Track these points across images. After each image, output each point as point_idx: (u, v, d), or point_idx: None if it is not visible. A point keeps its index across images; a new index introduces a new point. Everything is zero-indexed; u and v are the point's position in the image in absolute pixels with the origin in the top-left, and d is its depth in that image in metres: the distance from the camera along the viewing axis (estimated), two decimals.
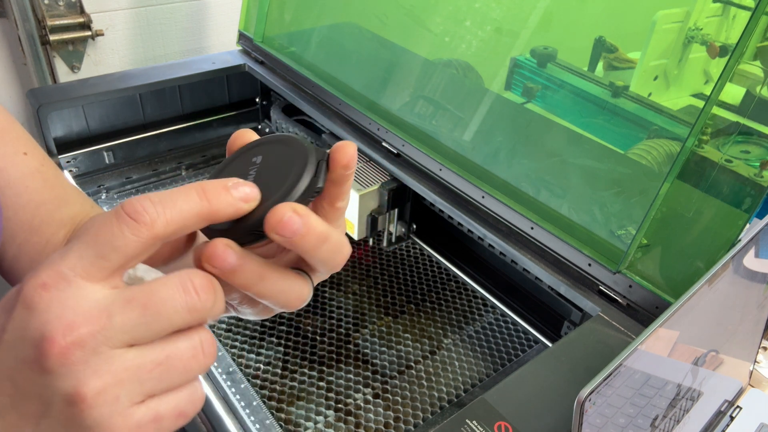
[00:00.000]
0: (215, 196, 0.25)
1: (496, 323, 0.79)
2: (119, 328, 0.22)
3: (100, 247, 0.23)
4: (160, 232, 0.24)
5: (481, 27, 0.83)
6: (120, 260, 0.23)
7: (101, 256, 0.23)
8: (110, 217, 0.23)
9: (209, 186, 0.25)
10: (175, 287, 0.23)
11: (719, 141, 0.54)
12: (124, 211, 0.23)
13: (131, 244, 0.23)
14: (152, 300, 0.23)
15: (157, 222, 0.23)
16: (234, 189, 0.26)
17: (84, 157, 1.01)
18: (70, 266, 0.23)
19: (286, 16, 1.11)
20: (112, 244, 0.23)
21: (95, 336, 0.22)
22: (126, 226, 0.23)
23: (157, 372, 0.23)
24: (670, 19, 0.84)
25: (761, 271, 0.54)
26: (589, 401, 0.39)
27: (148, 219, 0.23)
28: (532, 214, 0.69)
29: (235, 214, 0.26)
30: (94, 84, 0.98)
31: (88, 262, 0.23)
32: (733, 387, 0.60)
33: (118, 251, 0.23)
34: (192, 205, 0.24)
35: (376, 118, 0.88)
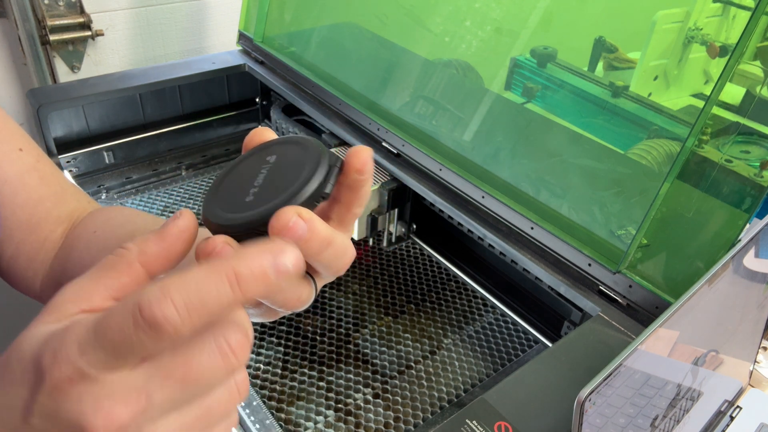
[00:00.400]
0: (250, 284, 0.22)
1: (496, 323, 0.79)
2: (159, 407, 0.21)
3: (119, 350, 0.21)
4: (184, 336, 0.21)
5: (481, 27, 0.83)
6: (141, 357, 0.22)
7: (122, 357, 0.21)
8: (127, 321, 0.21)
9: (244, 273, 0.21)
10: (212, 354, 0.22)
11: (719, 141, 0.54)
12: (143, 318, 0.20)
13: (150, 348, 0.21)
14: (190, 373, 0.22)
15: (181, 330, 0.21)
16: (275, 267, 0.22)
17: (84, 157, 1.01)
18: (90, 363, 0.21)
19: (286, 16, 1.11)
20: (131, 351, 0.21)
21: (137, 419, 0.21)
22: (144, 335, 0.20)
23: (199, 425, 0.23)
24: (670, 19, 0.84)
25: (761, 271, 0.54)
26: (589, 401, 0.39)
27: (171, 329, 0.20)
28: (532, 214, 0.69)
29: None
30: (94, 84, 0.98)
31: (108, 360, 0.21)
32: (733, 387, 0.60)
33: (141, 353, 0.21)
34: (222, 299, 0.21)
35: (376, 118, 0.88)
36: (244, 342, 0.22)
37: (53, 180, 0.50)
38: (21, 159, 0.47)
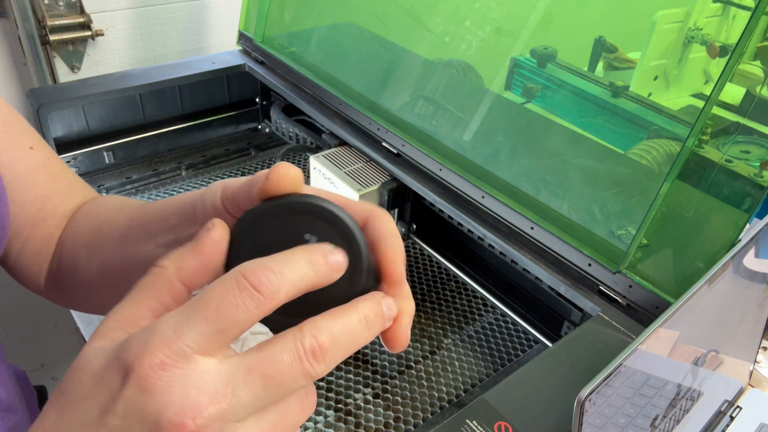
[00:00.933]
0: (320, 266, 0.24)
1: (496, 323, 0.79)
2: (244, 403, 0.22)
3: (222, 322, 0.22)
4: (277, 304, 0.23)
5: (481, 27, 0.83)
6: (238, 333, 0.22)
7: (221, 331, 0.22)
8: (232, 288, 0.22)
9: (315, 256, 0.24)
10: (292, 353, 0.22)
11: (719, 141, 0.54)
12: (248, 282, 0.22)
13: (253, 317, 0.22)
14: (272, 370, 0.22)
15: (277, 294, 0.22)
16: (330, 255, 0.24)
17: (84, 157, 1.01)
18: (188, 343, 0.21)
19: (286, 16, 1.11)
20: (233, 318, 0.22)
21: (223, 415, 0.21)
22: (250, 299, 0.22)
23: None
24: (670, 19, 0.84)
25: (761, 271, 0.55)
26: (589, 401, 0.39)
27: (270, 291, 0.22)
28: (532, 214, 0.69)
29: (326, 283, 0.25)
30: (94, 84, 0.98)
31: (207, 337, 0.22)
32: (733, 387, 0.60)
33: (239, 325, 0.22)
34: (303, 275, 0.23)
35: (376, 118, 0.88)
36: (322, 350, 0.23)
37: (62, 177, 0.50)
38: (31, 156, 0.48)
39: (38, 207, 0.48)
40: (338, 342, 0.23)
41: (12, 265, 0.49)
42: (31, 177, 0.48)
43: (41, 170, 0.48)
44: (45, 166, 0.49)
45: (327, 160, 0.90)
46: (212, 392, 0.21)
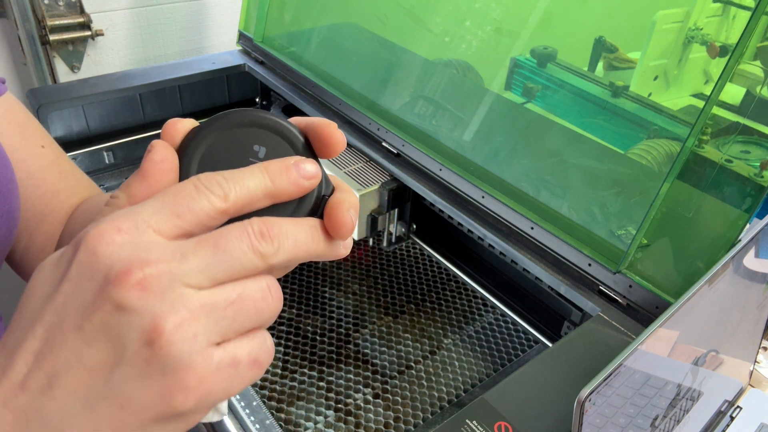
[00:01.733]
0: (278, 174, 0.25)
1: (496, 323, 0.79)
2: (192, 267, 0.22)
3: (177, 207, 0.23)
4: (231, 206, 0.24)
5: (481, 27, 0.83)
6: (192, 222, 0.23)
7: (177, 214, 0.23)
8: (187, 185, 0.24)
9: (272, 165, 0.25)
10: (239, 229, 0.23)
11: (719, 141, 0.54)
12: (201, 182, 0.24)
13: (205, 210, 0.23)
14: (221, 240, 0.23)
15: (229, 196, 0.24)
16: (296, 167, 0.26)
17: (84, 157, 1.01)
18: (145, 219, 0.22)
19: (286, 16, 1.11)
20: (188, 206, 0.23)
21: (171, 272, 0.21)
22: (203, 194, 0.23)
23: (230, 311, 0.23)
24: (670, 19, 0.84)
25: (761, 271, 0.54)
26: (589, 401, 0.39)
27: (222, 192, 0.24)
28: (532, 214, 0.69)
29: (297, 192, 0.26)
30: (94, 84, 0.97)
31: (163, 218, 0.23)
32: (733, 387, 0.60)
33: (193, 213, 0.23)
34: (257, 183, 0.25)
35: (376, 118, 0.88)
36: (269, 230, 0.24)
37: (70, 174, 0.52)
38: (43, 155, 0.50)
39: (46, 203, 0.49)
40: (284, 228, 0.24)
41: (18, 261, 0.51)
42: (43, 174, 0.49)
43: (52, 168, 0.50)
44: (55, 164, 0.51)
45: (327, 160, 0.90)
46: (161, 253, 0.22)
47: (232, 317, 0.23)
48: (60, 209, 0.50)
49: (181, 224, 0.23)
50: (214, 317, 0.22)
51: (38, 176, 0.49)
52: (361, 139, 0.88)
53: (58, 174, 0.50)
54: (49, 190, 0.50)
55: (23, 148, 0.48)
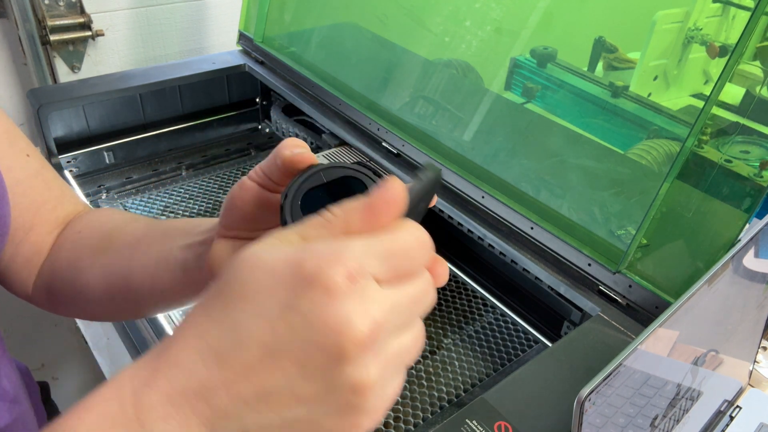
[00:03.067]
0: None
1: (496, 323, 0.79)
2: (402, 334, 0.25)
3: (400, 260, 0.24)
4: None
5: (481, 27, 0.83)
6: (406, 274, 0.25)
7: (397, 267, 0.25)
8: (417, 239, 0.25)
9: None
10: (411, 233, 0.25)
11: (719, 141, 0.54)
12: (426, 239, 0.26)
13: (420, 266, 0.26)
14: (399, 248, 0.24)
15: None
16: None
17: (84, 157, 1.01)
18: (373, 265, 0.24)
19: (286, 16, 1.11)
20: (409, 261, 0.25)
21: (390, 331, 0.23)
22: (424, 251, 0.26)
23: (414, 307, 0.25)
24: (670, 19, 0.84)
25: (761, 271, 0.55)
26: (589, 401, 0.39)
27: (431, 249, 0.27)
28: (532, 214, 0.69)
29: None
30: (95, 84, 0.98)
31: (386, 268, 0.24)
32: (733, 387, 0.60)
33: (410, 269, 0.25)
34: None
35: (376, 118, 0.88)
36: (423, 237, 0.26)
37: (55, 185, 0.52)
38: (29, 164, 0.50)
39: (34, 213, 0.49)
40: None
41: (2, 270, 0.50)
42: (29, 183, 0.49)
43: (37, 177, 0.50)
44: (40, 174, 0.50)
45: (327, 161, 0.90)
46: (386, 310, 0.23)
47: (407, 352, 0.25)
48: (47, 220, 0.50)
49: (397, 275, 0.24)
50: (400, 360, 0.25)
51: (25, 185, 0.49)
52: (361, 139, 0.88)
53: (43, 184, 0.50)
54: (35, 200, 0.49)
55: (9, 156, 0.48)
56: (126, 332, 0.70)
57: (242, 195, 0.35)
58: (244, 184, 0.35)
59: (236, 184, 0.35)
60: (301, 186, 0.32)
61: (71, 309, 0.50)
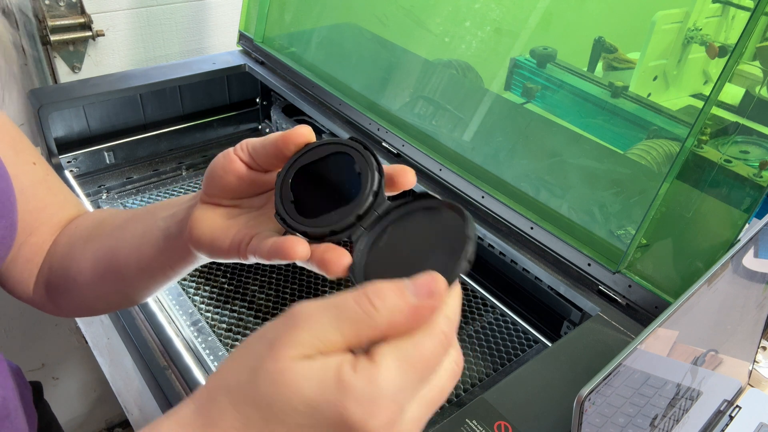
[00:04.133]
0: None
1: (496, 323, 0.80)
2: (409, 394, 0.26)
3: (429, 387, 0.27)
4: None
5: (481, 27, 0.83)
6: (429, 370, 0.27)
7: (428, 391, 0.27)
8: (437, 349, 0.27)
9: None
10: (435, 338, 0.27)
11: (718, 141, 0.54)
12: (456, 363, 0.29)
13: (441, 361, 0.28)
14: (426, 359, 0.26)
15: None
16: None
17: (84, 157, 1.01)
18: (409, 404, 0.26)
19: (287, 16, 1.11)
20: (433, 367, 0.27)
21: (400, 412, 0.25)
22: (451, 373, 0.29)
23: (436, 403, 0.28)
24: (670, 19, 0.84)
25: (761, 271, 0.55)
26: (589, 401, 0.39)
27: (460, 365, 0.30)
28: (532, 214, 0.70)
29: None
30: (95, 84, 0.98)
31: (419, 398, 0.27)
32: (733, 386, 0.60)
33: (434, 365, 0.27)
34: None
35: (376, 118, 0.88)
36: (452, 326, 0.28)
37: (58, 191, 0.54)
38: (34, 171, 0.52)
39: (35, 217, 0.51)
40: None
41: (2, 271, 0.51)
42: (33, 190, 0.51)
43: (42, 184, 0.52)
44: (45, 181, 0.52)
45: None
46: (389, 406, 0.25)
47: (437, 404, 0.28)
48: (48, 223, 0.52)
49: (422, 382, 0.27)
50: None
51: (29, 192, 0.51)
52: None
53: (47, 190, 0.52)
54: (38, 205, 0.51)
55: (15, 164, 0.50)
56: (126, 332, 0.70)
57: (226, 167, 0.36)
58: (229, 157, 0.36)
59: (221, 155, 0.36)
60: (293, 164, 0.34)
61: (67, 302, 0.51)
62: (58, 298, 0.51)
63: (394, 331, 0.26)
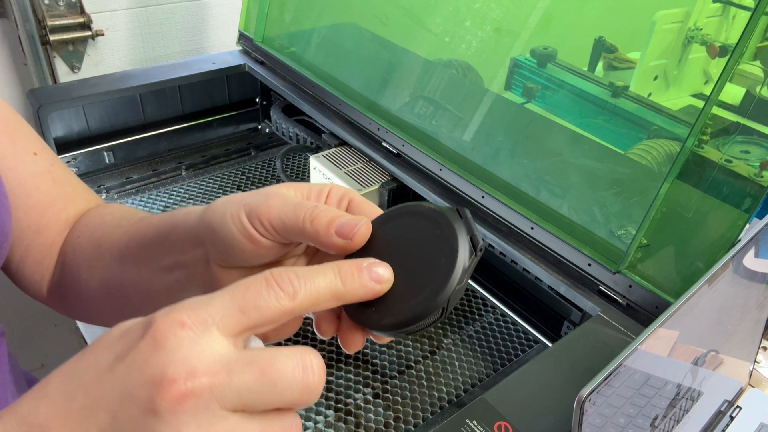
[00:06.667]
0: (350, 276, 0.26)
1: (496, 323, 0.79)
2: (234, 389, 0.22)
3: (245, 302, 0.24)
4: (298, 306, 0.25)
5: (481, 27, 0.83)
6: (256, 320, 0.24)
7: (242, 311, 0.24)
8: (259, 280, 0.24)
9: (344, 266, 0.26)
10: (296, 362, 0.23)
11: (719, 141, 0.54)
12: (273, 278, 0.24)
13: (271, 308, 0.24)
14: (272, 368, 0.23)
15: (298, 294, 0.25)
16: (368, 270, 0.27)
17: (84, 157, 1.01)
18: (211, 313, 0.23)
19: (286, 16, 1.11)
20: (255, 302, 0.24)
21: (212, 390, 0.22)
22: (272, 291, 0.24)
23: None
24: (670, 19, 0.84)
25: (761, 271, 0.55)
26: (589, 401, 0.39)
27: (292, 290, 0.25)
28: (532, 214, 0.69)
29: (367, 296, 0.27)
30: (95, 84, 0.98)
31: (229, 314, 0.24)
32: (733, 387, 0.60)
33: (259, 311, 0.24)
34: (327, 283, 0.26)
35: (376, 118, 0.88)
36: (323, 371, 0.24)
37: (65, 182, 0.50)
38: (35, 162, 0.48)
39: (41, 213, 0.47)
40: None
41: (14, 271, 0.49)
42: (35, 182, 0.47)
43: (45, 176, 0.48)
44: (49, 172, 0.48)
45: (327, 160, 0.90)
46: (211, 364, 0.22)
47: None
48: (57, 220, 0.48)
49: (245, 321, 0.24)
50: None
51: (30, 185, 0.47)
52: (361, 139, 0.88)
53: (52, 182, 0.48)
54: (42, 199, 0.47)
55: (13, 155, 0.46)
56: None
57: (254, 248, 0.32)
58: (256, 239, 0.31)
59: (245, 236, 0.31)
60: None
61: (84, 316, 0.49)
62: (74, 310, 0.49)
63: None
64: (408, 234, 0.29)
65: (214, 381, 0.22)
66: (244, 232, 0.31)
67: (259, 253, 0.32)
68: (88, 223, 0.48)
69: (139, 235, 0.41)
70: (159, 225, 0.39)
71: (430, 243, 0.28)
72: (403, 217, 0.30)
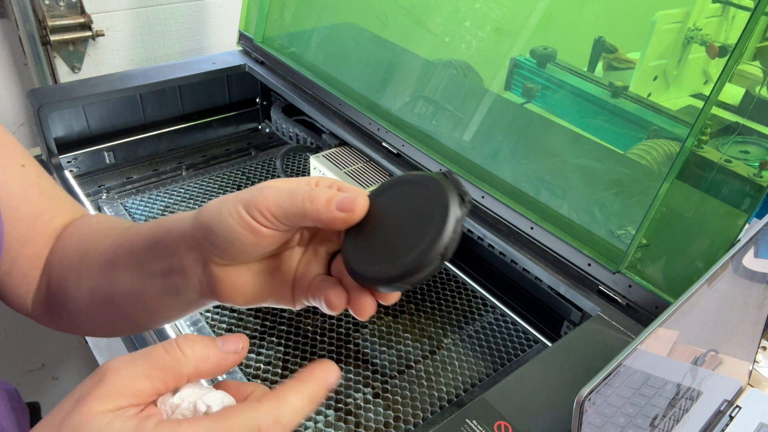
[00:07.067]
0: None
1: (496, 323, 0.80)
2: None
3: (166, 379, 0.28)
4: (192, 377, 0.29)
5: (481, 27, 0.83)
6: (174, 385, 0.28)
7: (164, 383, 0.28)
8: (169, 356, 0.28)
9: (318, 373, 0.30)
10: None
11: (718, 141, 0.54)
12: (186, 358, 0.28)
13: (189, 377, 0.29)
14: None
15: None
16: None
17: (84, 157, 1.01)
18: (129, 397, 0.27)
19: (287, 16, 1.11)
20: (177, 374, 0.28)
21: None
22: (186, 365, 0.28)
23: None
24: (670, 19, 0.84)
25: (761, 271, 0.55)
26: (589, 401, 0.39)
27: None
28: (532, 214, 0.70)
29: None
30: (95, 84, 0.98)
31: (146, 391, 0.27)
32: (733, 387, 0.60)
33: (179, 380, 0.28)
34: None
35: (376, 118, 0.88)
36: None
37: (53, 194, 0.50)
38: (24, 174, 0.48)
39: (29, 225, 0.47)
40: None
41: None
42: (24, 195, 0.47)
43: (33, 188, 0.48)
44: (37, 184, 0.48)
45: (327, 160, 0.90)
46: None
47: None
48: (44, 232, 0.48)
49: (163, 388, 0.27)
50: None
51: (19, 198, 0.46)
52: (361, 139, 0.88)
53: (39, 194, 0.48)
54: (30, 212, 0.47)
55: (3, 168, 0.46)
56: None
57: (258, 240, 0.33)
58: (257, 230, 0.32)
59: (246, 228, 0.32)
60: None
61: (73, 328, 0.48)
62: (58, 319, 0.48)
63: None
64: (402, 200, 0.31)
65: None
66: (245, 225, 0.32)
67: (261, 243, 0.33)
68: (74, 233, 0.48)
69: (128, 242, 0.41)
70: (149, 232, 0.39)
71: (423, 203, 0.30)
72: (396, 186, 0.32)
